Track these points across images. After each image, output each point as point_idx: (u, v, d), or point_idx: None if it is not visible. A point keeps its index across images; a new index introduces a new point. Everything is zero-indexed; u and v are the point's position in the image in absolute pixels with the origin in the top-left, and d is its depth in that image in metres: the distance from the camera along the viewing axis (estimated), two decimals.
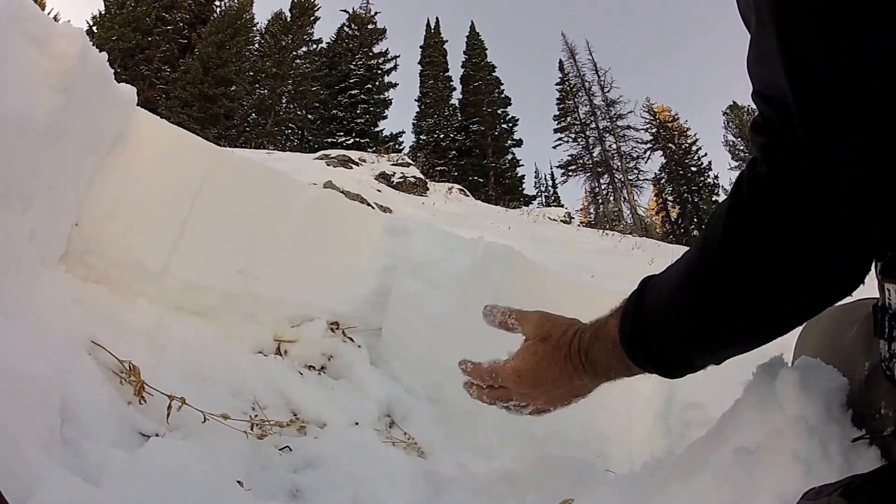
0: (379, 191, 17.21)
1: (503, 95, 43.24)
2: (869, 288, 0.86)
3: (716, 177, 43.48)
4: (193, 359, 1.81)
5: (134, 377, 1.52)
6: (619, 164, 42.68)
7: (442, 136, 40.85)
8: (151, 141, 2.03)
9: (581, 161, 44.08)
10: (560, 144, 44.92)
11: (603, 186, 43.22)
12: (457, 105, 43.55)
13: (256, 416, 1.70)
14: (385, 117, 40.83)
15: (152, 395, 1.51)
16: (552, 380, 1.08)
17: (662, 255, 12.79)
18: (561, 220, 22.30)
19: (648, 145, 43.60)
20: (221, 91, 34.58)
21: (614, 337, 0.99)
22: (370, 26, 43.54)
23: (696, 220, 41.90)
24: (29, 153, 1.42)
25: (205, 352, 1.87)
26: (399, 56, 42.18)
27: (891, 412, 0.78)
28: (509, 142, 42.07)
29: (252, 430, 1.59)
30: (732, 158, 42.84)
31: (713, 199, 41.36)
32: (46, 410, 1.12)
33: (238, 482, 1.23)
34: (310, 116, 38.59)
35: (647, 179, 43.34)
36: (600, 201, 43.03)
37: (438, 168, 36.19)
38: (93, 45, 1.65)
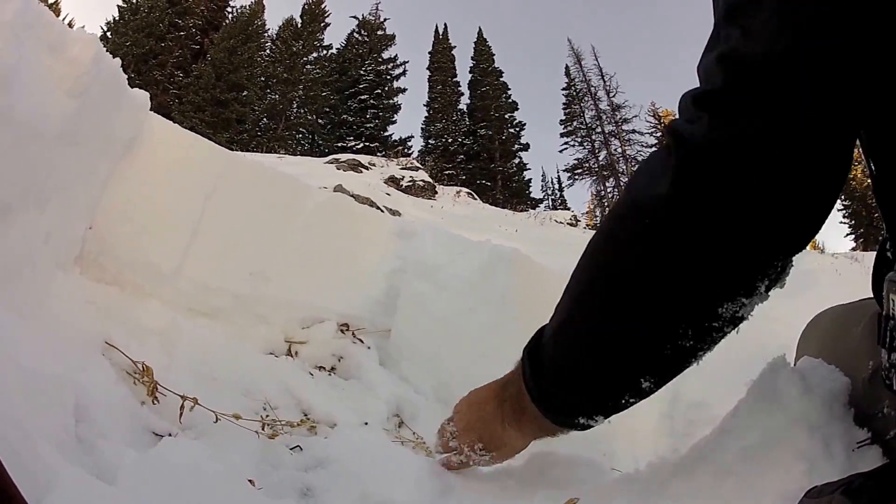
0: (388, 194, 17.21)
1: (510, 100, 43.29)
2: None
3: None
4: (206, 359, 1.82)
5: (147, 377, 1.53)
6: (624, 167, 42.55)
7: (450, 140, 40.91)
8: (164, 145, 2.05)
9: (587, 165, 44.06)
10: (566, 148, 44.95)
11: (609, 189, 43.09)
12: (465, 110, 43.68)
13: (268, 415, 1.71)
14: (394, 122, 41.05)
15: (165, 396, 1.53)
16: (480, 418, 1.18)
17: None
18: (567, 223, 22.21)
19: (653, 149, 43.51)
20: (233, 96, 34.78)
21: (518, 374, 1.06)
22: (379, 32, 43.70)
23: None
24: (44, 157, 1.44)
25: (217, 352, 1.88)
26: (408, 62, 42.45)
27: (893, 412, 0.78)
28: (516, 146, 42.10)
29: (263, 429, 1.60)
30: None
31: None
32: (61, 410, 1.13)
33: (250, 481, 1.24)
34: (320, 121, 38.75)
35: None
36: (606, 204, 42.88)
37: (447, 172, 36.26)
38: (106, 50, 1.67)
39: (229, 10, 41.16)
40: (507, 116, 42.06)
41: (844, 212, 37.25)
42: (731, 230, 0.78)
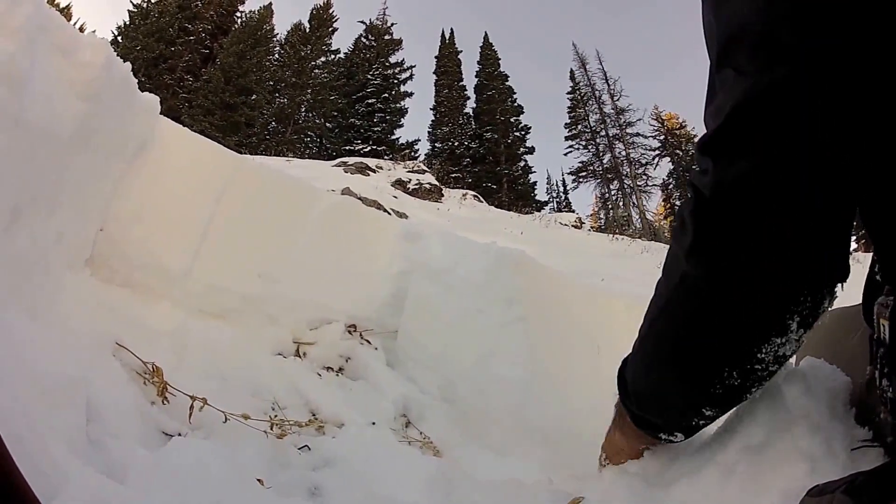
0: (395, 197, 17.23)
1: (516, 104, 43.14)
2: None
3: None
4: (215, 360, 1.84)
5: (157, 378, 1.55)
6: (628, 170, 42.37)
7: (456, 143, 40.85)
8: (174, 148, 2.07)
9: (591, 167, 43.82)
10: (571, 151, 44.70)
11: (613, 192, 42.90)
12: (471, 113, 43.53)
13: (276, 415, 1.72)
14: (401, 126, 40.91)
15: (175, 396, 1.54)
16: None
17: None
18: (572, 225, 22.14)
19: (657, 152, 43.26)
20: (242, 100, 34.82)
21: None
22: (387, 37, 43.67)
23: None
24: (56, 160, 1.46)
25: (226, 353, 1.90)
26: (415, 66, 42.26)
27: (889, 418, 0.79)
28: (522, 149, 41.96)
29: (272, 429, 1.62)
30: None
31: None
32: (73, 410, 1.14)
33: (258, 480, 1.25)
34: (328, 125, 38.73)
35: (655, 185, 42.98)
36: (610, 207, 42.71)
37: (453, 175, 36.21)
38: (117, 54, 1.69)
39: (238, 14, 41.26)
40: (512, 120, 41.93)
41: None
42: (749, 269, 0.78)
